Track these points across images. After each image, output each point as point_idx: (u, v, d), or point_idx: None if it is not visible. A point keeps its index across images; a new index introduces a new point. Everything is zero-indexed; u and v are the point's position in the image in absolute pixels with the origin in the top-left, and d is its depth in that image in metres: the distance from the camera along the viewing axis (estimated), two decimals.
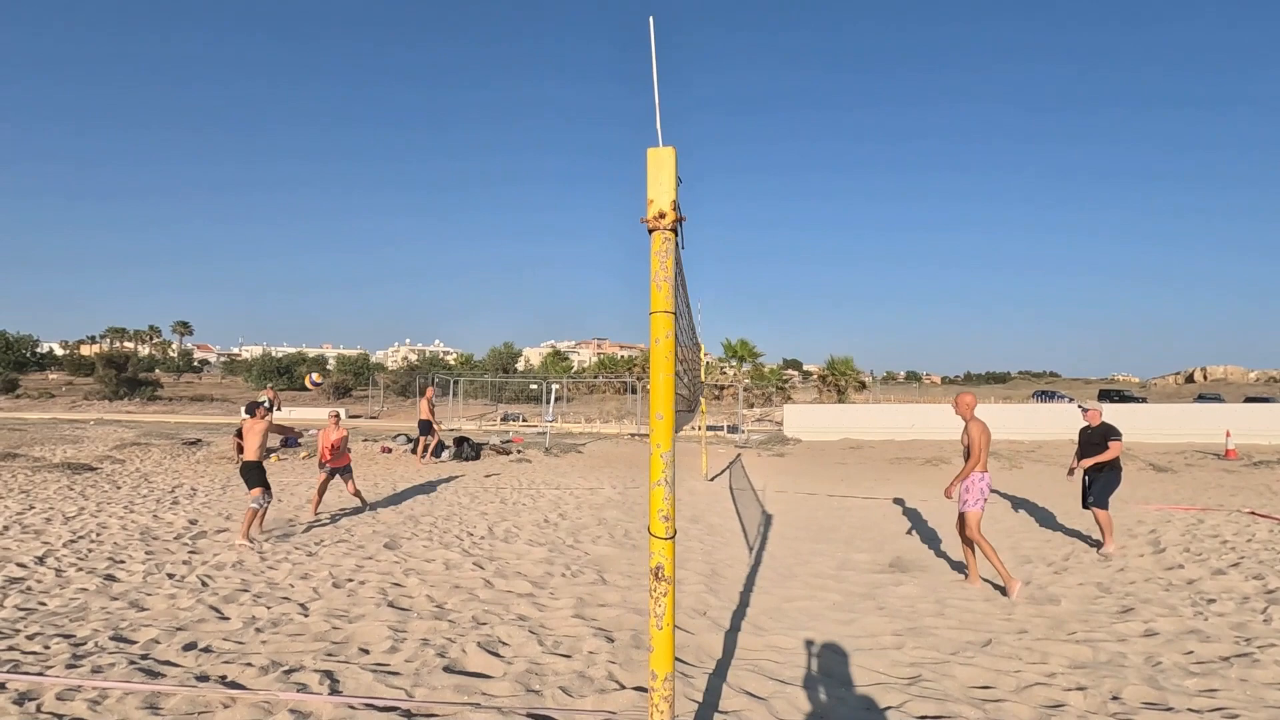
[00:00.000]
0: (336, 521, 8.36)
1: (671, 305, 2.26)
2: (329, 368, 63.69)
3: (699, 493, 10.95)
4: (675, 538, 2.16)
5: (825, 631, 4.47)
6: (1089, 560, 6.70)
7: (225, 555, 6.54)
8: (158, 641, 4.24)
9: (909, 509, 9.64)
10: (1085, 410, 7.33)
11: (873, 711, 3.30)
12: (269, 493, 7.46)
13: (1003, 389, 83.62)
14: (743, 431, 23.08)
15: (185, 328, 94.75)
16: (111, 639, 4.26)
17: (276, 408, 23.59)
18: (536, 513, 9.10)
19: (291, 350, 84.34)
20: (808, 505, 9.94)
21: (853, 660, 3.98)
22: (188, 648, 4.13)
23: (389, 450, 16.23)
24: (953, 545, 7.27)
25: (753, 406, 35.82)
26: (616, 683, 3.56)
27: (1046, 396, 48.52)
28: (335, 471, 8.85)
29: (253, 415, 7.66)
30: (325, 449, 8.77)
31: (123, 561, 6.24)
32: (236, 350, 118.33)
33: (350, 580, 5.77)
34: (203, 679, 3.59)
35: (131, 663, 3.82)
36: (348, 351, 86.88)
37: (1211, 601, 5.23)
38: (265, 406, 7.85)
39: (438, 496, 10.43)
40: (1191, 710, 3.43)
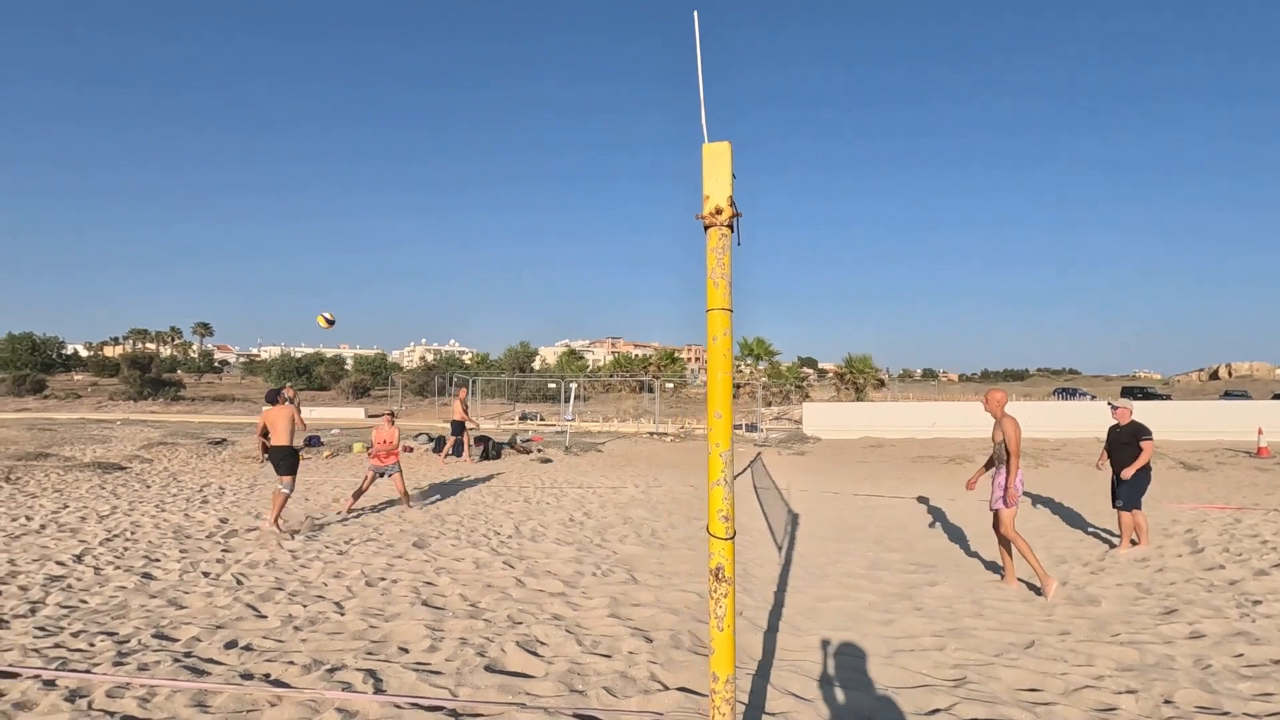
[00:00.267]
0: (363, 520, 8.41)
1: (729, 302, 2.23)
2: (347, 368, 64.26)
3: None
4: (735, 538, 2.14)
5: (864, 632, 4.42)
6: (1125, 560, 6.58)
7: (258, 554, 6.60)
8: (199, 639, 4.27)
9: (936, 508, 9.53)
10: (1115, 408, 7.20)
11: (922, 714, 3.25)
12: (290, 479, 7.59)
13: (1022, 386, 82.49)
14: (761, 430, 22.97)
15: (206, 329, 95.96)
16: (154, 636, 4.31)
17: (297, 405, 23.82)
18: (561, 512, 9.11)
19: (310, 351, 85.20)
20: (833, 504, 9.87)
21: (895, 662, 3.93)
22: (229, 646, 4.16)
23: (410, 449, 16.35)
24: (984, 545, 7.18)
25: (770, 405, 35.63)
26: (659, 683, 3.54)
27: (1068, 394, 47.86)
28: (382, 472, 8.96)
29: (274, 403, 7.73)
30: (380, 445, 8.92)
31: (158, 560, 6.31)
32: (255, 350, 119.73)
33: (382, 579, 5.80)
34: (247, 677, 3.62)
35: (176, 660, 3.86)
36: (365, 352, 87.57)
37: (1258, 603, 5.11)
38: (285, 396, 7.94)
39: (462, 495, 10.47)
40: (1248, 715, 3.34)
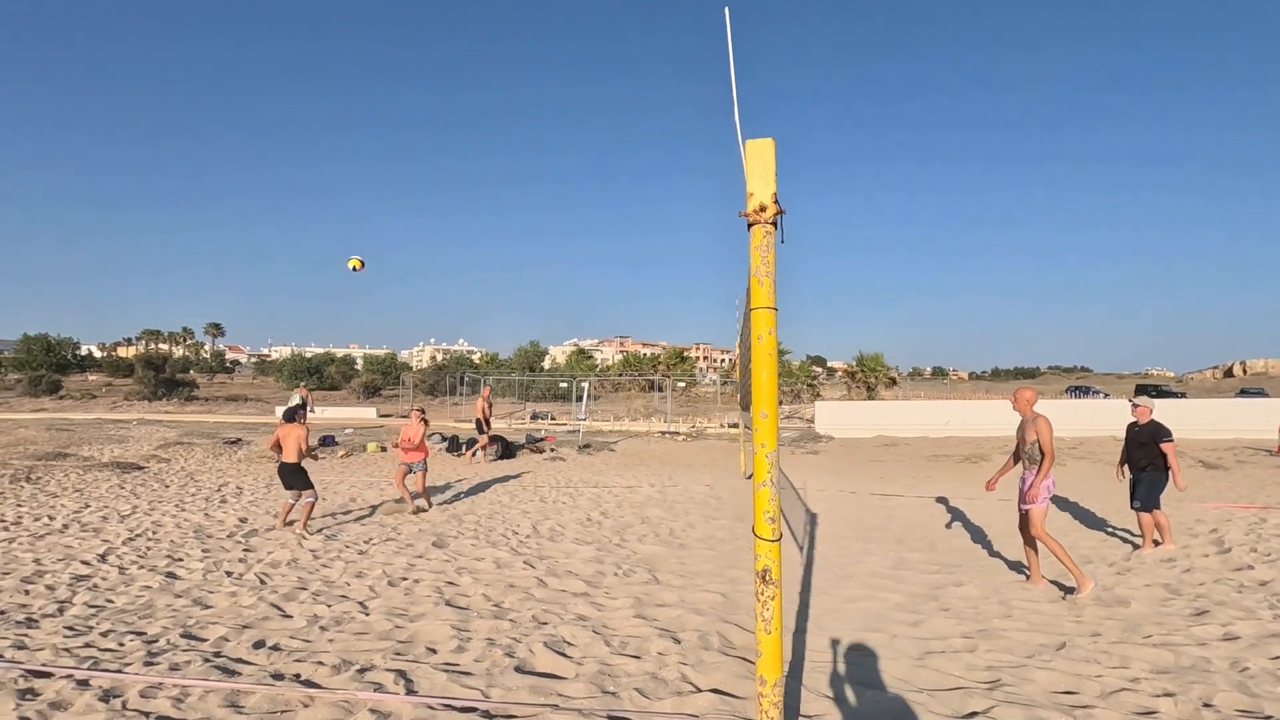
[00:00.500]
0: (381, 520, 8.42)
1: (773, 300, 2.20)
2: (357, 368, 64.50)
3: (740, 490, 10.87)
4: (781, 540, 2.11)
5: (893, 633, 4.38)
6: (1151, 561, 6.50)
7: (279, 553, 6.63)
8: (227, 639, 4.28)
9: (955, 508, 9.46)
10: (1135, 406, 7.12)
11: (959, 717, 3.21)
12: (311, 489, 7.68)
13: (1033, 385, 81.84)
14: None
15: (217, 329, 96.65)
16: (182, 636, 4.32)
17: (310, 407, 23.96)
18: (578, 511, 9.10)
19: (320, 350, 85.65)
20: (851, 504, 9.81)
21: (927, 664, 3.89)
22: (257, 645, 4.17)
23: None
24: (1006, 545, 7.12)
25: (781, 404, 35.52)
26: (691, 685, 3.52)
27: (1081, 392, 47.44)
28: (411, 467, 9.04)
29: (291, 421, 7.81)
30: (402, 441, 9.05)
31: (181, 559, 6.35)
32: (266, 351, 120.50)
33: (404, 579, 5.80)
34: (278, 677, 3.62)
35: (206, 660, 3.87)
36: (375, 351, 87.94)
37: None
38: (303, 412, 8.06)
39: (478, 495, 10.48)
40: None
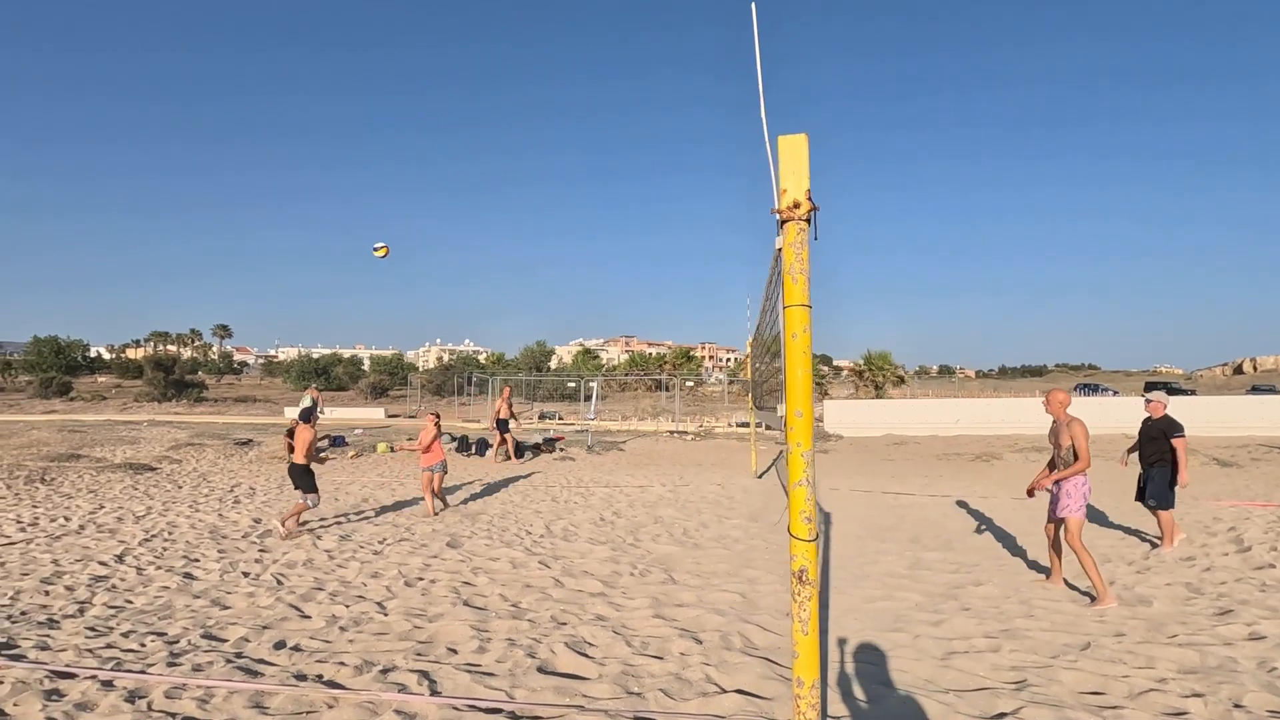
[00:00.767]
0: (394, 520, 8.44)
1: (808, 298, 2.18)
2: (364, 368, 64.67)
3: (752, 490, 10.84)
4: (818, 540, 2.09)
5: (916, 633, 4.34)
6: (1171, 560, 6.44)
7: (295, 554, 6.64)
8: (248, 640, 4.29)
9: (969, 507, 9.41)
10: (1149, 402, 7.07)
11: (988, 718, 3.18)
12: (310, 494, 7.67)
13: (1041, 383, 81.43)
14: (775, 428, 22.84)
15: (225, 331, 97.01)
16: (203, 637, 4.33)
17: (320, 408, 24.01)
18: (590, 511, 9.09)
19: (326, 351, 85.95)
20: (863, 503, 9.77)
21: (952, 664, 3.85)
22: (278, 646, 4.17)
23: None
24: (1022, 544, 7.08)
25: (779, 404, 35.36)
26: (716, 685, 3.50)
27: (1090, 390, 47.10)
28: (431, 469, 9.06)
29: (305, 421, 7.83)
30: (422, 445, 9.05)
31: (197, 560, 6.37)
32: (273, 352, 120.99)
33: (420, 579, 5.80)
34: (301, 678, 3.61)
35: (228, 661, 3.87)
36: (381, 352, 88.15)
37: None
38: (317, 414, 8.09)
39: (490, 495, 10.48)
40: None
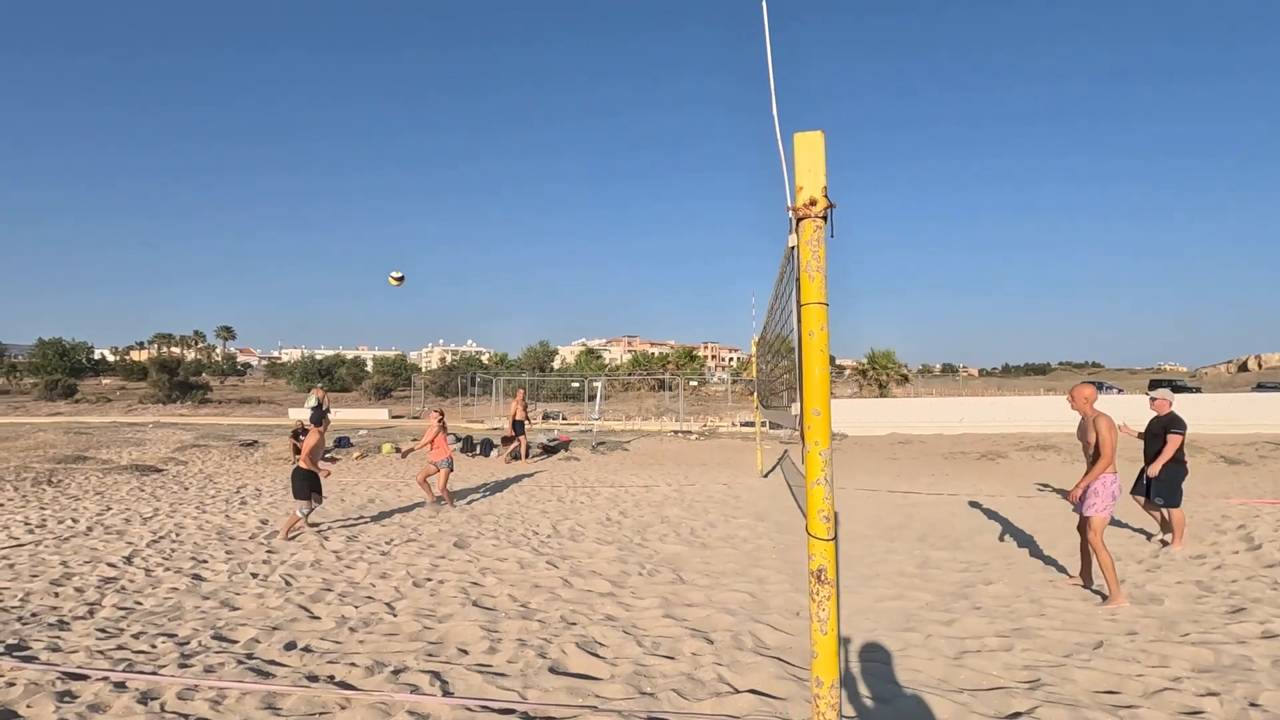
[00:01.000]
0: (400, 521, 8.44)
1: (825, 296, 2.16)
2: (368, 369, 64.73)
3: (758, 489, 10.83)
4: (836, 539, 2.07)
5: (928, 633, 4.33)
6: (1181, 558, 6.41)
7: (303, 554, 6.64)
8: (258, 641, 4.29)
9: (977, 505, 9.38)
10: (1153, 400, 7.05)
11: (1003, 717, 3.16)
12: (316, 501, 7.57)
13: (1045, 381, 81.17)
14: (785, 427, 22.80)
15: (228, 332, 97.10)
16: (213, 638, 4.33)
17: (326, 407, 24.04)
18: (597, 511, 9.08)
19: (330, 353, 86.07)
20: (870, 502, 9.74)
21: (965, 663, 3.84)
22: (289, 647, 4.16)
23: None
24: (1032, 542, 7.05)
25: (790, 403, 35.39)
26: (729, 685, 3.48)
27: (1095, 388, 47.00)
28: (437, 465, 9.13)
29: (316, 424, 7.83)
30: (427, 443, 9.13)
31: (205, 561, 6.37)
32: (277, 353, 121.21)
33: (429, 579, 5.80)
34: (312, 679, 3.61)
35: (239, 662, 3.87)
36: (384, 353, 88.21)
37: None
38: (326, 416, 8.07)
39: (495, 495, 10.48)
40: None
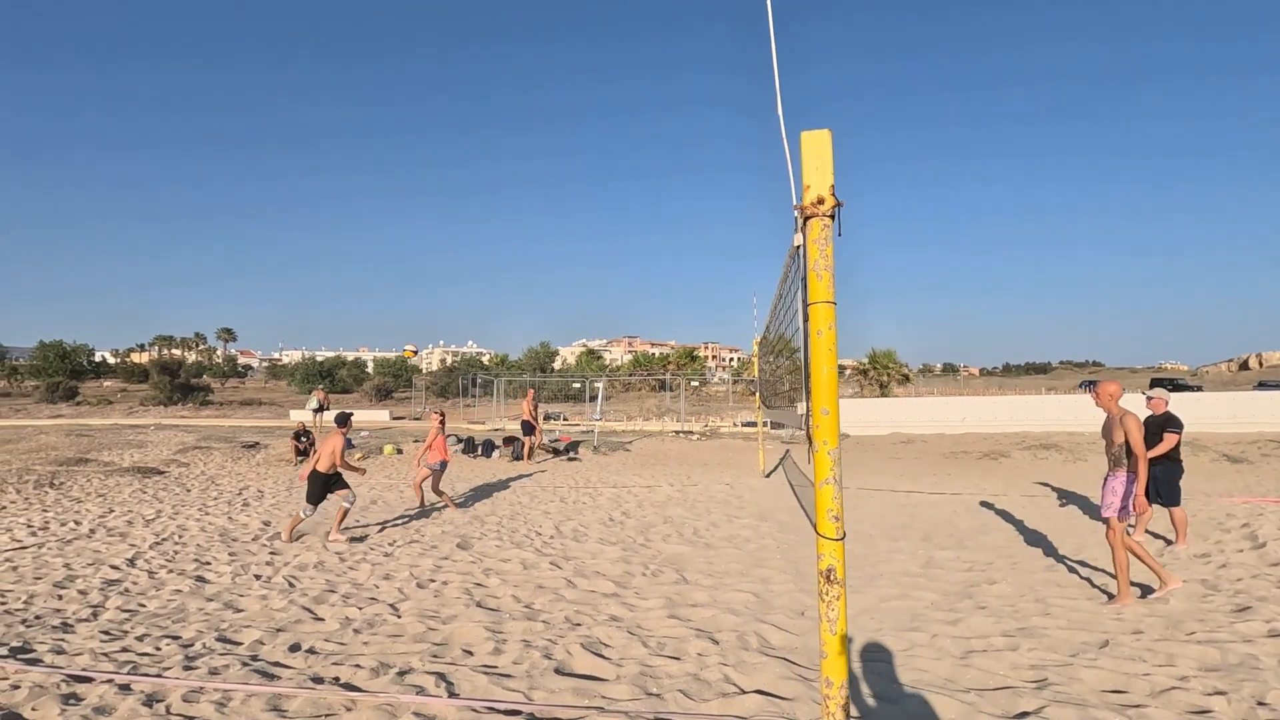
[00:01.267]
0: (404, 522, 8.43)
1: (833, 295, 2.15)
2: (368, 370, 64.70)
3: (760, 489, 10.81)
4: (845, 539, 2.06)
5: (933, 632, 4.32)
6: (1186, 557, 6.40)
7: (305, 556, 6.63)
8: (262, 643, 4.28)
9: (980, 505, 9.37)
10: (1150, 399, 7.04)
11: (1010, 717, 3.15)
12: (315, 508, 7.50)
13: (1046, 380, 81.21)
14: (788, 427, 22.79)
15: (229, 334, 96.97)
16: (217, 640, 4.32)
17: (326, 408, 23.96)
18: (599, 511, 9.06)
19: (330, 354, 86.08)
20: (873, 502, 9.73)
21: (971, 663, 3.83)
22: (293, 649, 4.16)
23: None
24: (1036, 542, 7.05)
25: (794, 403, 35.36)
26: (735, 686, 3.48)
27: (1095, 387, 46.98)
28: (432, 468, 9.14)
29: (341, 425, 7.73)
30: (436, 446, 9.17)
31: (209, 563, 6.36)
32: (278, 355, 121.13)
33: (432, 580, 5.79)
34: (318, 680, 3.60)
35: (244, 664, 3.86)
36: (385, 354, 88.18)
37: None
38: (348, 421, 7.95)
39: (497, 496, 10.47)
40: None
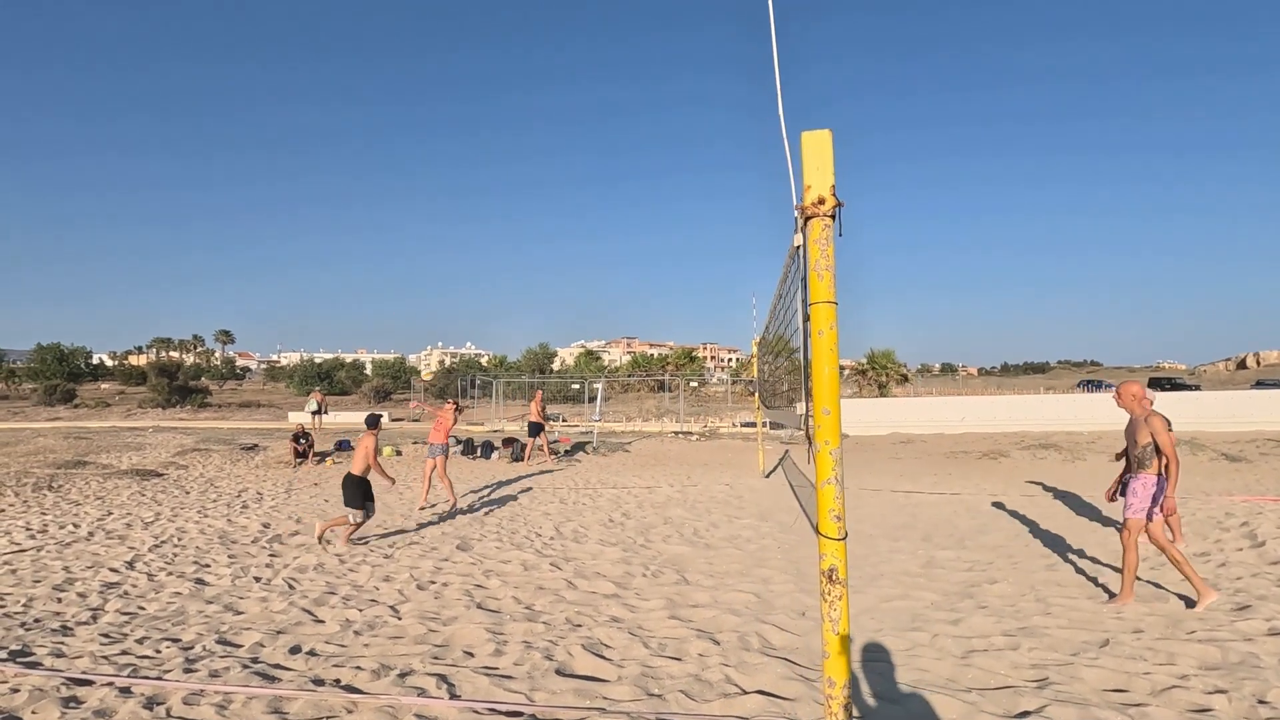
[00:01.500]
0: (404, 524, 8.41)
1: (834, 295, 2.16)
2: (367, 372, 64.63)
3: (760, 490, 10.81)
4: (847, 538, 2.06)
5: (934, 632, 4.32)
6: (1187, 555, 6.40)
7: (305, 558, 6.62)
8: (262, 645, 4.27)
9: (981, 505, 9.37)
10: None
11: (1012, 716, 3.15)
12: (369, 511, 7.33)
13: (1044, 379, 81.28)
14: (787, 427, 22.80)
15: (227, 336, 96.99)
16: (217, 643, 4.31)
17: (324, 410, 23.90)
18: (599, 512, 9.06)
19: (329, 356, 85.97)
20: (873, 502, 9.73)
21: (972, 662, 3.83)
22: (293, 651, 4.15)
23: None
24: (1037, 541, 7.05)
25: (793, 403, 35.37)
26: (736, 686, 3.47)
27: (1093, 386, 47.08)
28: (430, 447, 9.37)
29: (372, 427, 7.69)
30: (443, 430, 9.41)
31: (208, 565, 6.35)
32: (276, 357, 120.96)
33: (433, 582, 5.78)
34: (319, 683, 3.60)
35: (244, 666, 3.85)
36: (383, 356, 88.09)
37: None
38: (379, 422, 7.91)
39: (497, 497, 10.46)
40: None
